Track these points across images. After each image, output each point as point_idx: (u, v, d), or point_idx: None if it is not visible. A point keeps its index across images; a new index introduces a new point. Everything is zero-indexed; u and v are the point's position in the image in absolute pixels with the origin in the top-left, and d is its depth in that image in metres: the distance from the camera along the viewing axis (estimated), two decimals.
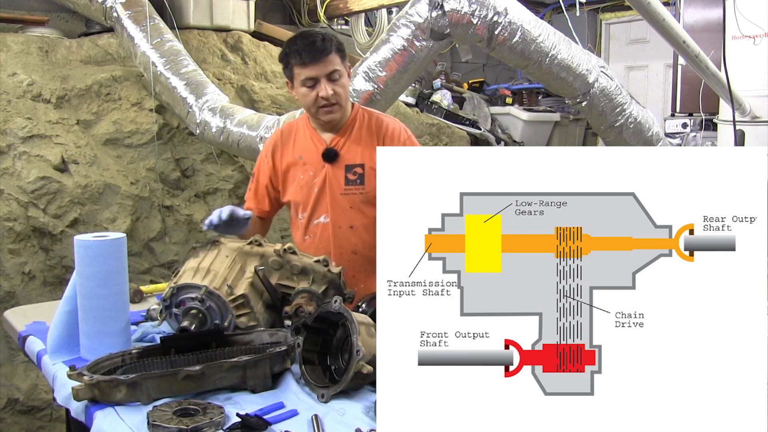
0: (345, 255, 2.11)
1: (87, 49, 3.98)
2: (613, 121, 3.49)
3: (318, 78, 2.02)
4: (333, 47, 2.03)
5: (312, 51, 2.00)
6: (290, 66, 2.05)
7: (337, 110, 2.07)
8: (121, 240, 1.74)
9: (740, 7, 3.49)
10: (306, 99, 2.06)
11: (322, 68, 2.01)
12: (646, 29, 5.07)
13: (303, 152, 2.16)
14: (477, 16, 2.93)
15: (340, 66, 2.04)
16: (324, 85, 2.02)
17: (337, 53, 2.04)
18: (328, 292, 1.87)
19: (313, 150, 2.15)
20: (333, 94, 2.03)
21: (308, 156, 2.15)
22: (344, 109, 2.10)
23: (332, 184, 2.12)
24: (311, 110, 2.09)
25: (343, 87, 2.06)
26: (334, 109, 2.06)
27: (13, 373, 3.32)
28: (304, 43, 2.02)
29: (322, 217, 2.14)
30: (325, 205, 2.13)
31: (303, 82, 2.04)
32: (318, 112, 2.07)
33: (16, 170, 3.33)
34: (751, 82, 3.55)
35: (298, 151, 2.17)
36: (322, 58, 2.00)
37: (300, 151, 2.17)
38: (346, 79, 2.09)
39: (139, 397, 1.45)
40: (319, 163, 2.13)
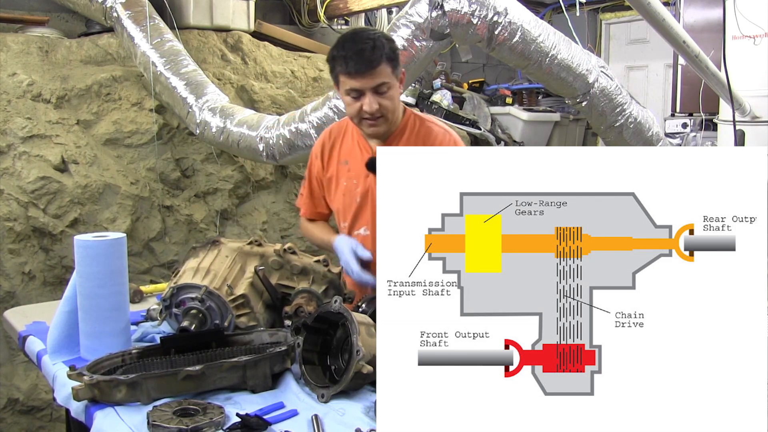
0: None
1: (87, 49, 3.98)
2: (613, 121, 3.48)
3: (363, 90, 1.86)
4: (383, 57, 1.84)
5: (359, 61, 1.83)
6: (335, 72, 1.90)
7: (382, 123, 1.93)
8: (121, 240, 1.74)
9: (740, 7, 3.49)
10: (349, 109, 1.93)
11: (368, 81, 1.85)
12: (646, 29, 5.07)
13: (349, 157, 2.06)
14: (477, 16, 2.93)
15: (389, 78, 1.87)
16: (369, 98, 1.86)
17: (387, 63, 1.85)
18: (328, 292, 1.87)
19: (358, 156, 2.04)
20: (378, 108, 1.87)
21: (353, 162, 2.05)
22: (390, 121, 1.95)
23: (374, 196, 1.93)
24: (354, 120, 1.96)
25: (390, 99, 1.90)
26: (378, 122, 1.92)
27: (13, 373, 3.32)
28: (353, 50, 1.84)
29: (362, 229, 2.04)
30: (366, 217, 2.03)
31: (347, 92, 1.89)
32: (361, 123, 1.94)
33: (16, 170, 3.33)
34: (751, 82, 3.55)
35: (345, 155, 2.07)
36: (369, 71, 1.83)
37: (346, 155, 2.07)
38: (396, 90, 1.92)
39: (139, 397, 1.45)
40: (363, 171, 2.02)
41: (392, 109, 1.92)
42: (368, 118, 1.90)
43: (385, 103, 1.89)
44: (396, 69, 1.91)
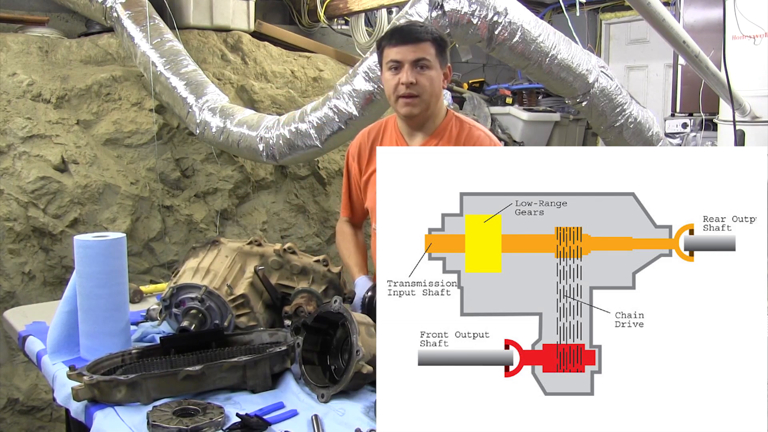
0: None
1: (87, 49, 3.98)
2: (613, 121, 3.48)
3: (403, 63, 1.84)
4: (429, 36, 1.86)
5: (404, 33, 1.86)
6: (382, 47, 1.90)
7: (417, 104, 1.87)
8: (121, 240, 1.74)
9: (740, 7, 3.49)
10: (388, 85, 1.89)
11: (409, 52, 1.83)
12: (646, 29, 5.07)
13: None
14: (477, 16, 2.92)
15: (431, 57, 1.85)
16: (407, 70, 1.83)
17: (432, 44, 1.85)
18: (328, 292, 1.87)
19: None
20: (414, 83, 1.84)
21: None
22: (427, 104, 1.89)
23: None
24: (391, 99, 1.92)
25: (429, 79, 1.85)
26: (414, 102, 1.86)
27: (13, 373, 3.32)
28: (400, 27, 1.92)
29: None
30: None
31: (388, 65, 1.87)
32: (397, 102, 1.89)
33: (16, 170, 3.33)
34: (751, 82, 3.55)
35: None
36: (411, 42, 1.84)
37: None
38: (437, 73, 1.88)
39: (139, 397, 1.45)
40: None
41: (429, 90, 1.87)
42: (404, 96, 1.86)
43: (423, 81, 1.85)
44: (441, 56, 1.89)
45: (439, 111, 1.97)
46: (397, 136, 2.00)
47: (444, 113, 1.99)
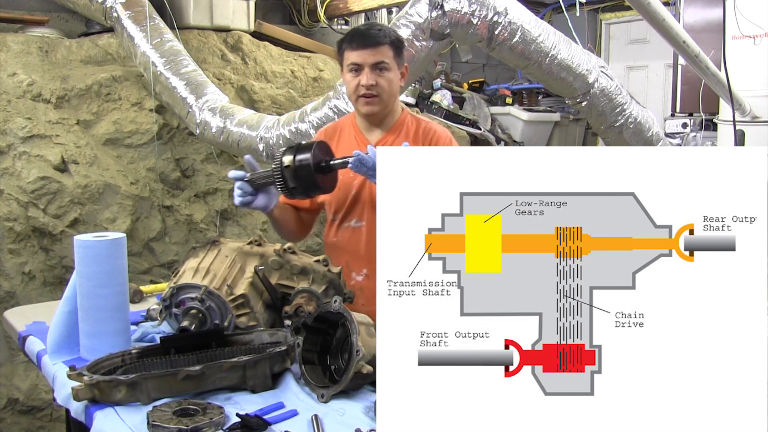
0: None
1: (87, 49, 3.98)
2: (613, 121, 3.48)
3: (362, 65, 1.97)
4: (387, 39, 1.98)
5: (363, 37, 1.97)
6: (342, 49, 2.02)
7: (377, 103, 2.00)
8: (121, 240, 1.74)
9: (740, 7, 3.49)
10: (349, 86, 2.02)
11: (369, 56, 1.96)
12: (646, 29, 5.07)
13: (347, 152, 2.05)
14: (477, 16, 2.93)
15: (389, 59, 1.98)
16: (367, 73, 1.96)
17: (390, 47, 1.98)
18: (328, 292, 1.87)
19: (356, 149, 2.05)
20: (374, 84, 1.97)
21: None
22: (386, 104, 2.03)
23: (372, 188, 2.04)
24: (352, 98, 2.05)
25: (388, 81, 1.99)
26: (373, 101, 2.00)
27: (13, 373, 3.32)
28: (360, 31, 2.00)
29: (354, 221, 2.08)
30: (359, 210, 2.07)
31: (349, 67, 1.99)
32: (358, 101, 2.02)
33: (16, 170, 3.33)
34: (751, 82, 3.56)
35: (342, 151, 2.07)
36: (370, 46, 1.96)
37: (344, 151, 2.07)
38: (396, 75, 2.01)
39: (139, 397, 1.45)
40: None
41: (388, 90, 2.00)
42: (364, 95, 1.99)
43: (382, 82, 1.98)
44: (398, 57, 2.01)
45: (396, 108, 2.11)
46: (356, 132, 2.12)
47: (400, 111, 2.12)
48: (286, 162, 1.82)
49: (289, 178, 1.82)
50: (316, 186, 1.85)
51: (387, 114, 2.07)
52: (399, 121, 2.10)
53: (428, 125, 2.12)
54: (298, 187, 1.84)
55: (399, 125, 2.09)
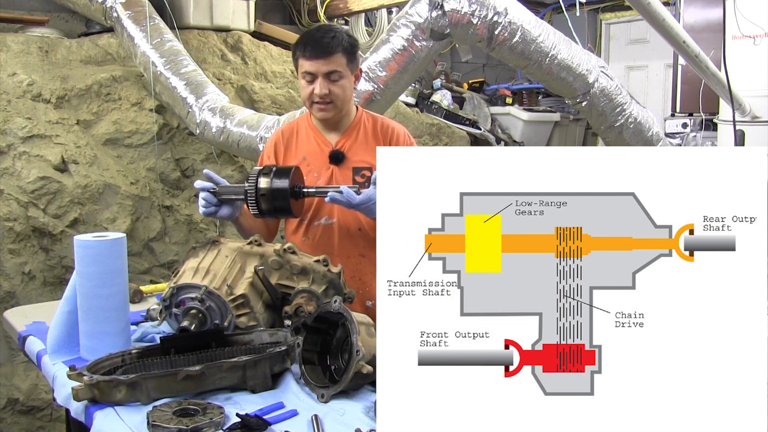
0: (353, 258, 2.08)
1: (87, 49, 3.98)
2: (613, 121, 3.49)
3: (316, 74, 2.01)
4: (340, 47, 2.00)
5: (316, 46, 1.99)
6: (296, 56, 2.06)
7: (331, 109, 2.05)
8: (121, 240, 1.74)
9: (740, 7, 3.49)
10: (303, 92, 2.07)
11: (321, 65, 2.00)
12: (646, 29, 5.07)
13: (307, 153, 2.13)
14: (477, 16, 2.93)
15: (342, 68, 2.02)
16: (320, 82, 2.00)
17: (343, 54, 2.01)
18: (328, 292, 1.87)
19: (317, 151, 2.12)
20: (327, 93, 2.01)
21: (312, 157, 2.12)
22: (340, 109, 2.08)
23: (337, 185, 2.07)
24: (307, 104, 2.09)
25: (341, 88, 2.04)
26: (327, 108, 2.04)
27: (13, 373, 3.32)
28: (313, 38, 2.02)
29: (323, 219, 2.11)
30: (329, 207, 2.08)
31: (302, 75, 2.04)
32: (312, 107, 2.07)
33: (16, 170, 3.33)
34: (751, 82, 3.56)
35: (302, 152, 2.14)
36: (323, 56, 1.99)
37: (303, 152, 2.14)
38: (348, 81, 2.06)
39: (139, 397, 1.45)
40: (323, 164, 2.10)
41: (342, 97, 2.05)
42: (318, 102, 2.03)
43: (336, 90, 2.03)
44: (352, 63, 2.05)
45: (351, 109, 2.16)
46: (315, 133, 2.15)
47: (355, 111, 2.18)
48: (263, 185, 1.86)
49: (262, 200, 1.86)
50: (289, 211, 1.90)
51: (342, 117, 2.12)
52: (355, 121, 2.15)
53: (385, 122, 2.18)
54: (270, 210, 1.88)
55: (355, 125, 2.14)
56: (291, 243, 1.89)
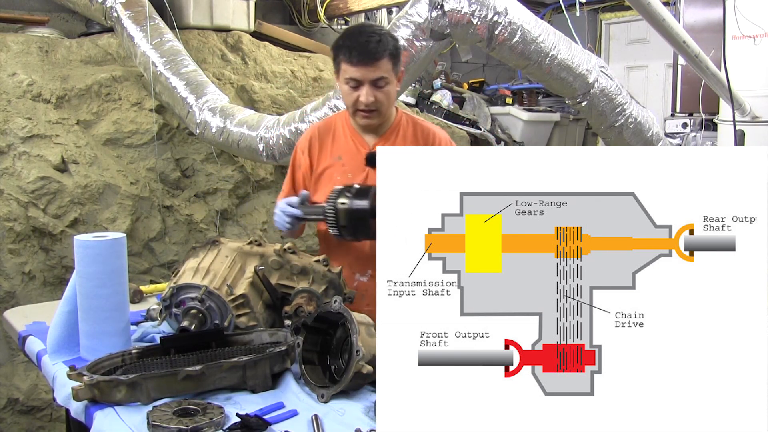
0: None
1: (87, 49, 3.98)
2: (613, 121, 3.48)
3: (362, 81, 1.93)
4: (387, 52, 1.92)
5: (363, 52, 1.90)
6: (338, 60, 1.97)
7: (376, 116, 2.00)
8: (121, 240, 1.74)
9: (740, 7, 3.49)
10: (347, 98, 2.00)
11: (368, 72, 1.91)
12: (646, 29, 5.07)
13: (343, 153, 2.08)
14: (477, 16, 2.93)
15: (388, 73, 1.94)
16: (367, 90, 1.93)
17: (389, 59, 1.93)
18: (328, 292, 1.87)
19: (354, 151, 2.07)
20: (374, 101, 1.95)
21: (348, 157, 2.07)
22: (384, 115, 2.02)
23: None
24: (350, 110, 2.03)
25: (386, 94, 1.97)
26: (372, 115, 1.99)
27: (13, 373, 3.32)
28: (358, 41, 1.92)
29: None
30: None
31: (346, 81, 1.96)
32: (356, 114, 2.01)
33: (16, 170, 3.33)
34: (751, 82, 3.55)
35: (338, 151, 2.09)
36: (370, 62, 1.91)
37: (340, 151, 2.09)
38: (393, 86, 1.99)
39: (139, 397, 1.45)
40: (359, 166, 2.05)
41: (387, 104, 2.00)
42: (363, 110, 1.97)
43: (381, 97, 1.96)
44: (396, 66, 1.98)
45: (391, 114, 2.10)
46: (352, 133, 2.10)
47: (395, 112, 2.11)
48: (343, 205, 1.83)
49: (342, 220, 1.84)
50: (368, 232, 1.84)
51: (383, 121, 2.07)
52: (394, 123, 2.10)
53: (425, 126, 2.12)
54: (350, 230, 1.85)
55: (395, 128, 2.09)
56: (291, 243, 1.89)
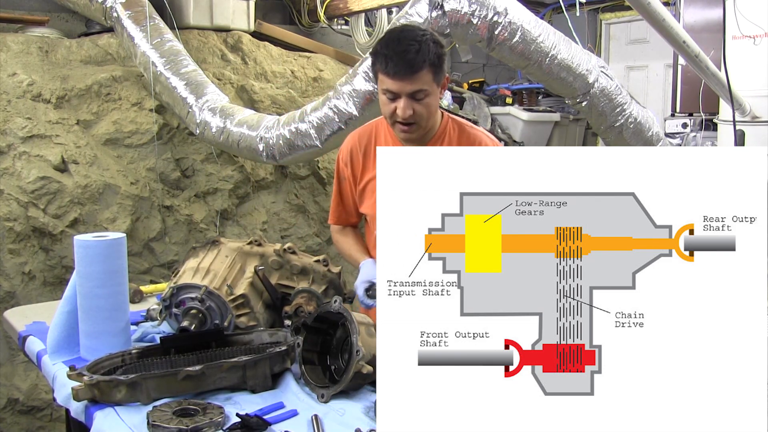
0: None
1: (87, 49, 3.98)
2: (613, 121, 3.48)
3: (399, 94, 1.78)
4: (426, 63, 1.76)
5: (400, 63, 1.75)
6: (375, 68, 1.83)
7: (415, 130, 1.84)
8: (121, 240, 1.74)
9: (740, 7, 3.49)
10: (384, 108, 1.86)
11: (406, 85, 1.76)
12: (646, 29, 5.07)
13: None
14: (477, 16, 2.92)
15: (428, 85, 1.79)
16: (404, 103, 1.78)
17: (430, 69, 1.77)
18: (328, 292, 1.87)
19: None
20: (412, 114, 1.79)
21: None
22: (424, 128, 1.87)
23: None
24: (388, 121, 1.89)
25: (426, 107, 1.82)
26: (411, 129, 1.83)
27: (13, 373, 3.32)
28: (396, 51, 1.75)
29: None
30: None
31: (384, 92, 1.81)
32: (394, 126, 1.87)
33: (16, 170, 3.33)
34: (751, 82, 3.55)
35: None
36: (408, 75, 1.75)
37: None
38: (435, 97, 1.84)
39: (139, 397, 1.45)
40: None
41: (427, 116, 1.84)
42: (401, 123, 1.83)
43: (420, 110, 1.81)
44: (438, 75, 1.82)
45: (436, 122, 1.94)
46: (394, 141, 1.97)
47: (440, 117, 1.96)
48: None
49: None
50: None
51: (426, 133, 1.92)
52: (440, 131, 1.95)
53: (473, 132, 1.98)
54: None
55: (440, 136, 1.95)
56: (290, 243, 1.89)
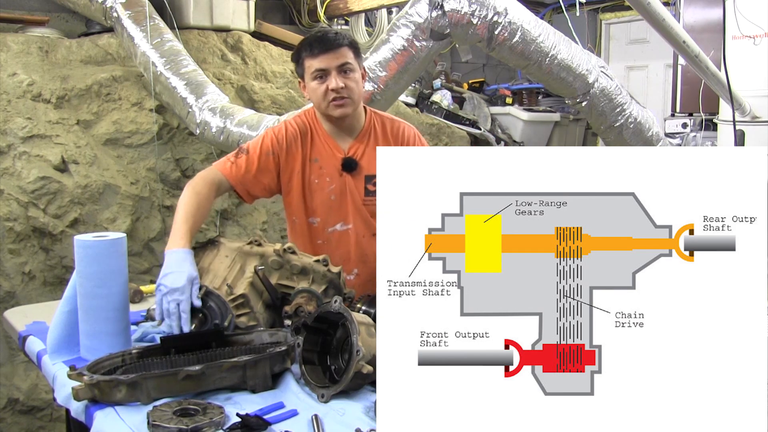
0: (369, 263, 2.08)
1: (87, 49, 3.98)
2: (613, 121, 3.49)
3: (328, 70, 1.95)
4: (346, 41, 1.98)
5: (323, 42, 1.96)
6: (301, 59, 2.00)
7: (349, 104, 1.99)
8: (121, 240, 1.74)
9: (740, 7, 3.49)
10: (316, 93, 1.99)
11: (332, 59, 1.95)
12: (646, 29, 5.07)
13: (319, 156, 2.08)
14: (477, 16, 2.93)
15: (352, 60, 1.98)
16: (334, 77, 1.95)
17: (350, 48, 1.98)
18: (328, 292, 1.87)
19: (330, 157, 2.07)
20: (344, 87, 1.96)
21: (324, 161, 2.07)
22: (356, 105, 2.03)
23: (353, 194, 2.06)
24: (322, 106, 2.01)
25: (355, 82, 1.99)
26: (345, 102, 1.98)
27: (13, 373, 3.32)
28: (316, 37, 2.00)
29: (338, 225, 2.09)
30: (344, 214, 2.07)
31: (313, 75, 1.97)
32: (329, 107, 1.99)
33: (16, 170, 3.33)
34: (751, 82, 3.56)
35: (314, 154, 2.08)
36: (333, 49, 1.95)
37: (316, 153, 2.08)
38: (359, 75, 2.01)
39: (139, 397, 1.45)
40: (336, 171, 2.06)
41: (357, 92, 2.00)
42: (335, 99, 1.97)
43: (350, 83, 1.97)
44: (358, 58, 2.01)
45: (361, 113, 2.11)
46: (326, 137, 2.09)
47: (364, 113, 2.12)
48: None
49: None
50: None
51: (354, 119, 2.07)
52: (366, 125, 2.10)
53: (394, 124, 2.14)
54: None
55: (367, 130, 2.10)
56: (291, 243, 1.89)
